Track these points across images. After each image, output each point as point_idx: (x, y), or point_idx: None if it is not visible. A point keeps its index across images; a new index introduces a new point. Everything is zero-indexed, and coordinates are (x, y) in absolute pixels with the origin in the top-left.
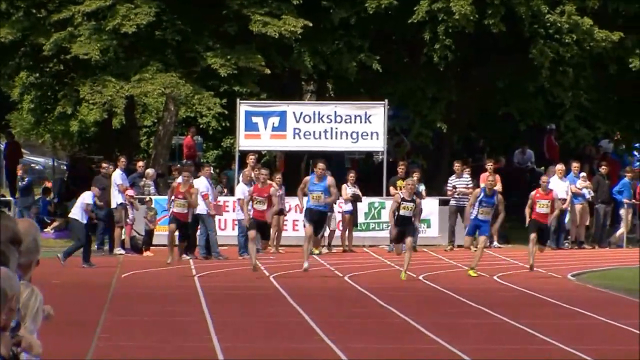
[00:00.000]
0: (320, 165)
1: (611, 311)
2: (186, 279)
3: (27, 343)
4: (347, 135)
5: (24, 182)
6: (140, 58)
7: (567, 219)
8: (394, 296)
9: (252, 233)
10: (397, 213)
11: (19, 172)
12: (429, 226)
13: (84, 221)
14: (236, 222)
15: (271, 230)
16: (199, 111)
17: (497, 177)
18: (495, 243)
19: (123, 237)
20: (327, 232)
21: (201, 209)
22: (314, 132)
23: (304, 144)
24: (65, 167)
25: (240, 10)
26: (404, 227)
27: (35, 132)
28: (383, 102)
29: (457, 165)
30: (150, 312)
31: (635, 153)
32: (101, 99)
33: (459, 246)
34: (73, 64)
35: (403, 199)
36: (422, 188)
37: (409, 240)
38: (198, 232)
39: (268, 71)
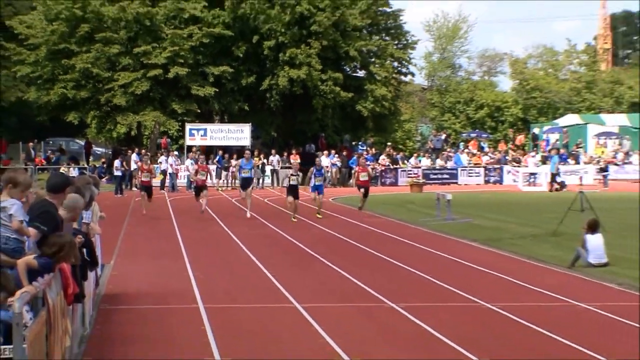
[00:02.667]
0: (247, 152)
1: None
2: (162, 204)
3: (93, 229)
4: (234, 138)
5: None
6: (143, 105)
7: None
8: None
9: (199, 194)
10: (289, 182)
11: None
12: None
13: (119, 174)
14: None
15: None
16: (168, 128)
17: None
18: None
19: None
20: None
21: (171, 172)
22: (219, 137)
23: (215, 142)
24: (110, 152)
25: (189, 86)
26: (295, 190)
27: (97, 136)
28: (248, 124)
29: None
30: (146, 215)
31: (360, 145)
32: (126, 122)
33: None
34: (113, 106)
35: (292, 174)
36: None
37: (296, 201)
38: (168, 182)
39: (199, 111)
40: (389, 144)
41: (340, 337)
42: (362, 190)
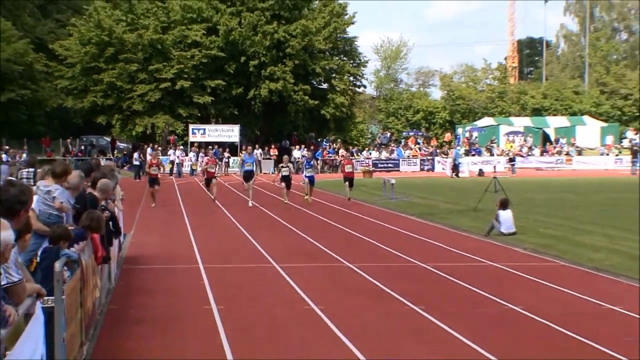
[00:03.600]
0: (249, 148)
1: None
2: (170, 186)
3: (117, 206)
4: (226, 136)
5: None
6: (156, 110)
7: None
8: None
9: (209, 184)
10: (281, 173)
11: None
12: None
13: (137, 163)
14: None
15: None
16: (175, 128)
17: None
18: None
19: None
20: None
21: (177, 162)
22: (214, 135)
23: (212, 139)
24: (130, 147)
25: (192, 95)
26: (288, 179)
27: (120, 134)
28: (238, 125)
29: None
30: (157, 196)
31: (325, 142)
32: (142, 123)
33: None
34: (132, 111)
35: (282, 166)
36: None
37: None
38: (176, 169)
39: (199, 114)
40: (339, 140)
41: (309, 289)
42: (347, 182)
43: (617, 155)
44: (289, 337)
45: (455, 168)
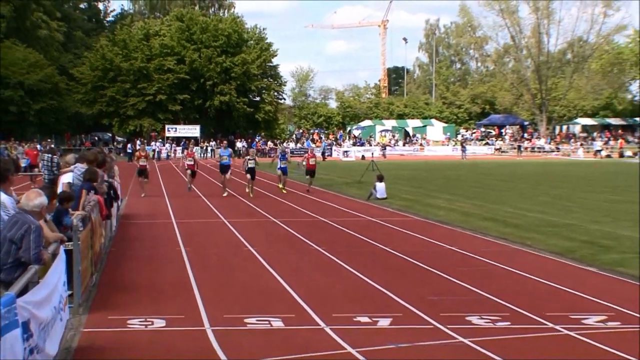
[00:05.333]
0: (225, 141)
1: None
2: (153, 167)
3: (115, 180)
4: (191, 133)
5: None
6: (143, 115)
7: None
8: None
9: (188, 172)
10: (247, 165)
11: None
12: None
13: (130, 151)
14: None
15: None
16: (155, 127)
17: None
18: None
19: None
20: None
21: (158, 151)
22: (183, 132)
23: (181, 134)
24: (125, 140)
25: (167, 105)
26: (253, 171)
27: (118, 131)
28: (198, 125)
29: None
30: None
31: (258, 137)
32: (134, 124)
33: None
34: (126, 116)
35: (249, 158)
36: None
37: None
38: (156, 155)
39: (172, 118)
40: (262, 134)
41: (247, 236)
42: (309, 174)
43: (453, 145)
44: (233, 268)
45: (323, 155)
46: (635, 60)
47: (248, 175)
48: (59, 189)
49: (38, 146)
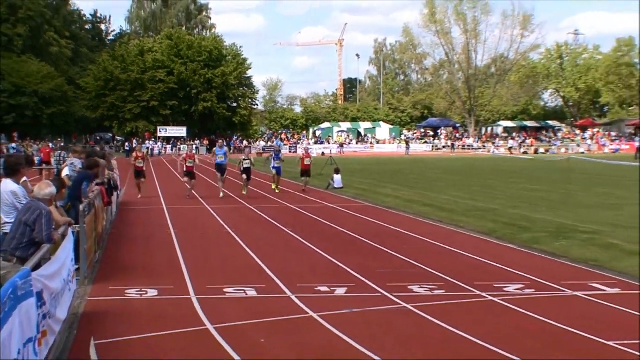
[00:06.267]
0: (220, 141)
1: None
2: (146, 163)
3: (114, 172)
4: (179, 133)
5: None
6: (138, 119)
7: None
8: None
9: (187, 179)
10: (242, 165)
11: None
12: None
13: (127, 148)
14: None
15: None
16: (149, 129)
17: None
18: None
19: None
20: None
21: (151, 148)
22: (172, 132)
23: (170, 134)
24: (123, 139)
25: (159, 110)
26: (248, 171)
27: (118, 132)
28: (185, 127)
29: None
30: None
31: (235, 137)
32: (131, 126)
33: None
34: (124, 119)
35: (244, 158)
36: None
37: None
38: (150, 152)
39: (163, 120)
40: (239, 134)
41: (226, 220)
42: (304, 174)
43: (398, 144)
44: (215, 247)
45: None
46: (546, 74)
47: (244, 176)
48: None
49: (50, 144)
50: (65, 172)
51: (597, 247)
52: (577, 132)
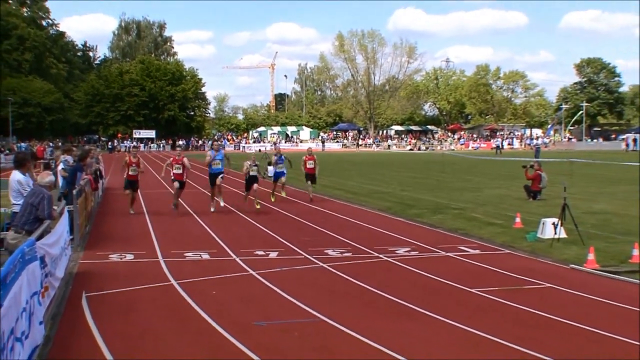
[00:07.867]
0: (216, 143)
1: None
2: (123, 157)
3: (99, 165)
4: (149, 135)
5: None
6: (119, 124)
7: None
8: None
9: (176, 185)
10: (248, 173)
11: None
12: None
13: (110, 147)
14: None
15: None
16: (127, 131)
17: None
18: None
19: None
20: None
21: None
22: (145, 135)
23: (143, 136)
24: (107, 139)
25: (135, 117)
26: (253, 179)
27: (103, 134)
28: (154, 130)
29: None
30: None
31: (193, 137)
32: (113, 129)
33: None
34: (108, 124)
35: (250, 165)
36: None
37: (255, 186)
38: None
39: (137, 125)
40: (195, 136)
41: (197, 211)
42: (310, 180)
43: (316, 143)
44: (189, 234)
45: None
46: (426, 91)
47: (255, 186)
48: (58, 172)
49: (51, 144)
50: (61, 166)
51: (464, 219)
52: (449, 134)
